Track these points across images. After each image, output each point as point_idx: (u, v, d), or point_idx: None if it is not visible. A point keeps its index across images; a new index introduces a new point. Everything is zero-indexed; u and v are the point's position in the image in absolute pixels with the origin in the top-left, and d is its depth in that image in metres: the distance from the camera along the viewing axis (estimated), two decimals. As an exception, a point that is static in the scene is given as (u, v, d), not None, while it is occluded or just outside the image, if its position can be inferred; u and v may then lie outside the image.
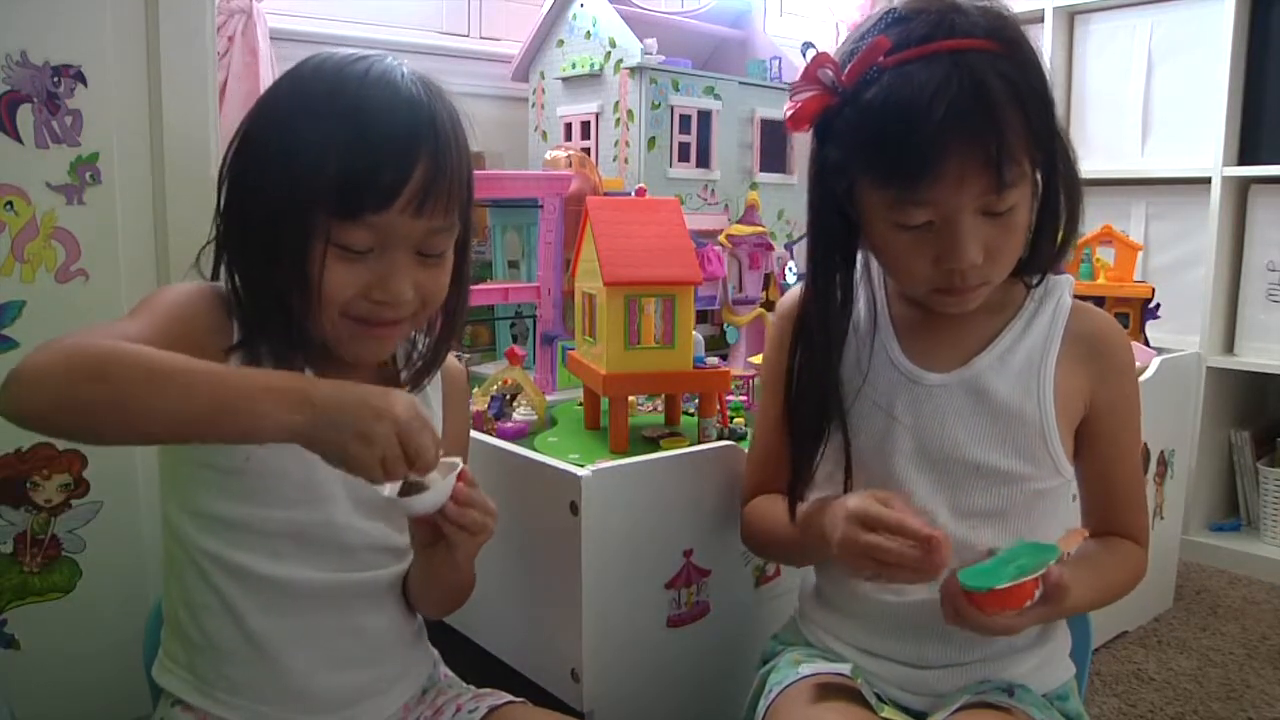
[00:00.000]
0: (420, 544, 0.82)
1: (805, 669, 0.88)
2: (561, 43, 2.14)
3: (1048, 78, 0.80)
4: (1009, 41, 0.78)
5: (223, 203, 0.79)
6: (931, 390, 0.88)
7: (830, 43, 2.71)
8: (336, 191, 0.73)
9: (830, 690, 0.85)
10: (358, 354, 0.81)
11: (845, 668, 0.88)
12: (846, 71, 0.79)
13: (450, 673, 0.95)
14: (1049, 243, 0.85)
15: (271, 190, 0.75)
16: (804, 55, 0.84)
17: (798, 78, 0.83)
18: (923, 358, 0.90)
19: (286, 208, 0.74)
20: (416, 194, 0.74)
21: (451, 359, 0.96)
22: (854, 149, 0.80)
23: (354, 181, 0.73)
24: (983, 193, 0.77)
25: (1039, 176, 0.81)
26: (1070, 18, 2.42)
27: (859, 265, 0.91)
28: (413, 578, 0.87)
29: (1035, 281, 0.90)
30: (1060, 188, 0.83)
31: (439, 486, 0.73)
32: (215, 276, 0.80)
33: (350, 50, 0.79)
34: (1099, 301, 1.82)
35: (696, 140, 2.03)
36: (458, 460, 0.76)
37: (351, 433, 0.64)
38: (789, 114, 0.84)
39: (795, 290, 0.96)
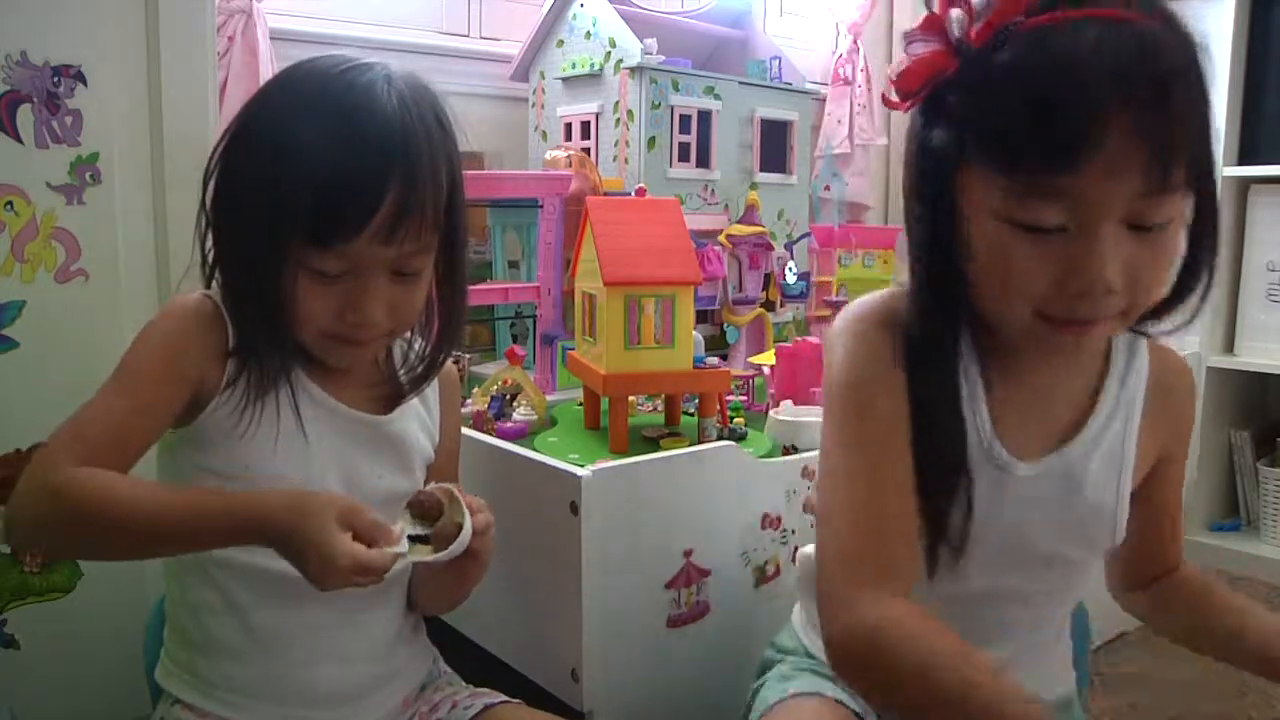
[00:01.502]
0: (421, 578, 0.83)
1: (793, 686, 0.84)
2: (561, 43, 2.14)
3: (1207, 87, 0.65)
4: (1186, 34, 0.64)
5: (208, 218, 0.80)
6: (1019, 480, 0.74)
7: (830, 44, 2.71)
8: (307, 222, 0.73)
9: (819, 708, 0.81)
10: (338, 363, 0.83)
11: (828, 686, 0.83)
12: (977, 29, 0.64)
13: (449, 669, 0.96)
14: (1187, 289, 0.70)
15: (246, 212, 0.76)
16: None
17: (914, 27, 0.67)
18: (1012, 436, 0.74)
19: (261, 234, 0.75)
20: (385, 223, 0.74)
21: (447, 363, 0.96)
22: (971, 124, 0.65)
23: (323, 213, 0.73)
24: (1137, 194, 0.61)
25: (1190, 206, 0.66)
26: (1070, 18, 2.42)
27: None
28: (417, 590, 0.88)
29: (1150, 330, 0.76)
30: (1209, 221, 0.68)
31: (463, 539, 0.75)
32: (209, 282, 0.82)
33: (336, 59, 0.78)
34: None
35: (696, 140, 2.03)
36: (453, 488, 0.78)
37: (299, 568, 0.69)
38: (896, 75, 0.67)
39: (868, 297, 0.77)
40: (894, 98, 0.69)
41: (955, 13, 0.65)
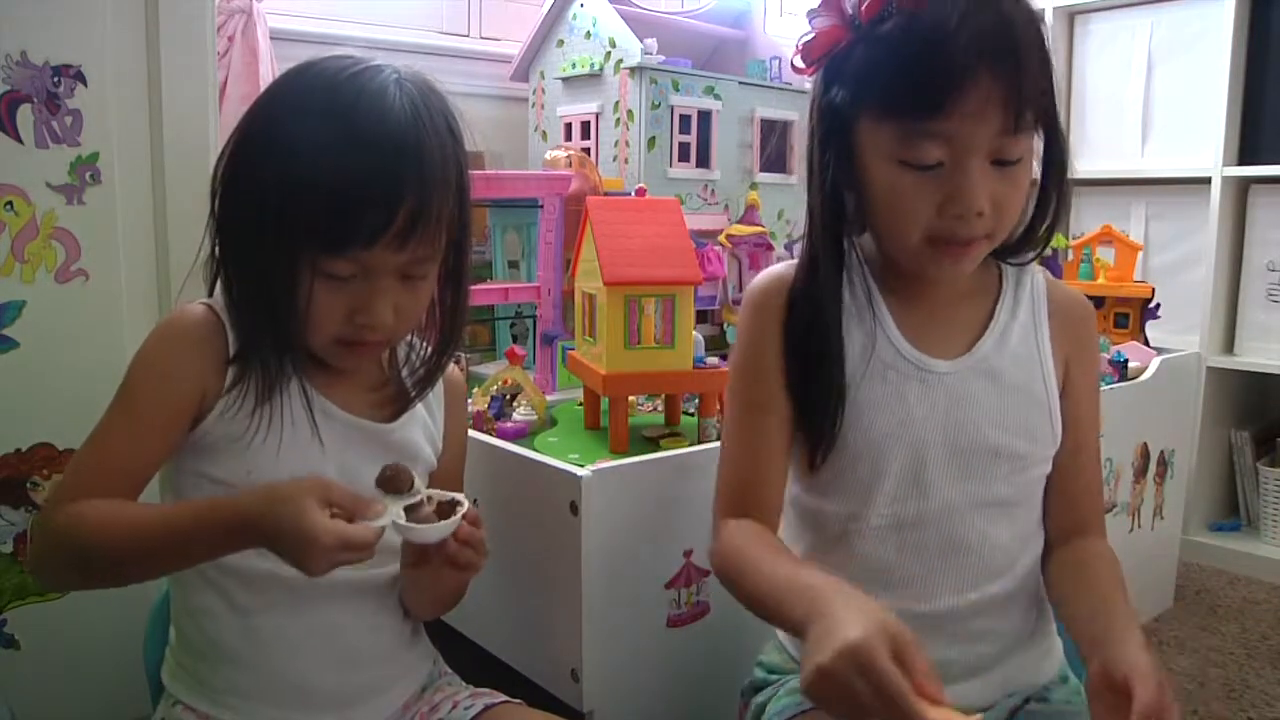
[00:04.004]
0: (406, 563, 0.82)
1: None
2: (561, 43, 2.14)
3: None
4: (1030, 11, 0.78)
5: (215, 219, 0.80)
6: (943, 378, 0.85)
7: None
8: (321, 229, 0.74)
9: None
10: (342, 367, 0.83)
11: None
12: (865, 6, 0.78)
13: (449, 670, 0.96)
14: (1039, 219, 0.84)
15: (259, 219, 0.76)
16: None
17: (817, 5, 0.82)
18: (925, 343, 0.86)
19: (274, 239, 0.75)
20: (400, 231, 0.75)
21: (451, 366, 0.96)
22: (864, 83, 0.79)
23: (339, 222, 0.73)
24: (999, 132, 0.75)
25: (1039, 142, 0.81)
26: (1070, 18, 2.42)
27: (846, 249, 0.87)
28: (401, 585, 0.88)
29: (1022, 260, 0.88)
30: (1056, 157, 0.83)
31: (445, 523, 0.75)
32: (212, 289, 0.82)
33: (345, 60, 0.78)
34: (1098, 302, 1.82)
35: (696, 140, 2.03)
36: (463, 498, 0.77)
37: (284, 556, 0.69)
38: (800, 45, 0.83)
39: (771, 273, 0.90)
40: (800, 64, 0.84)
41: None
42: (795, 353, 0.85)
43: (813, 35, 0.81)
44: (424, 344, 0.89)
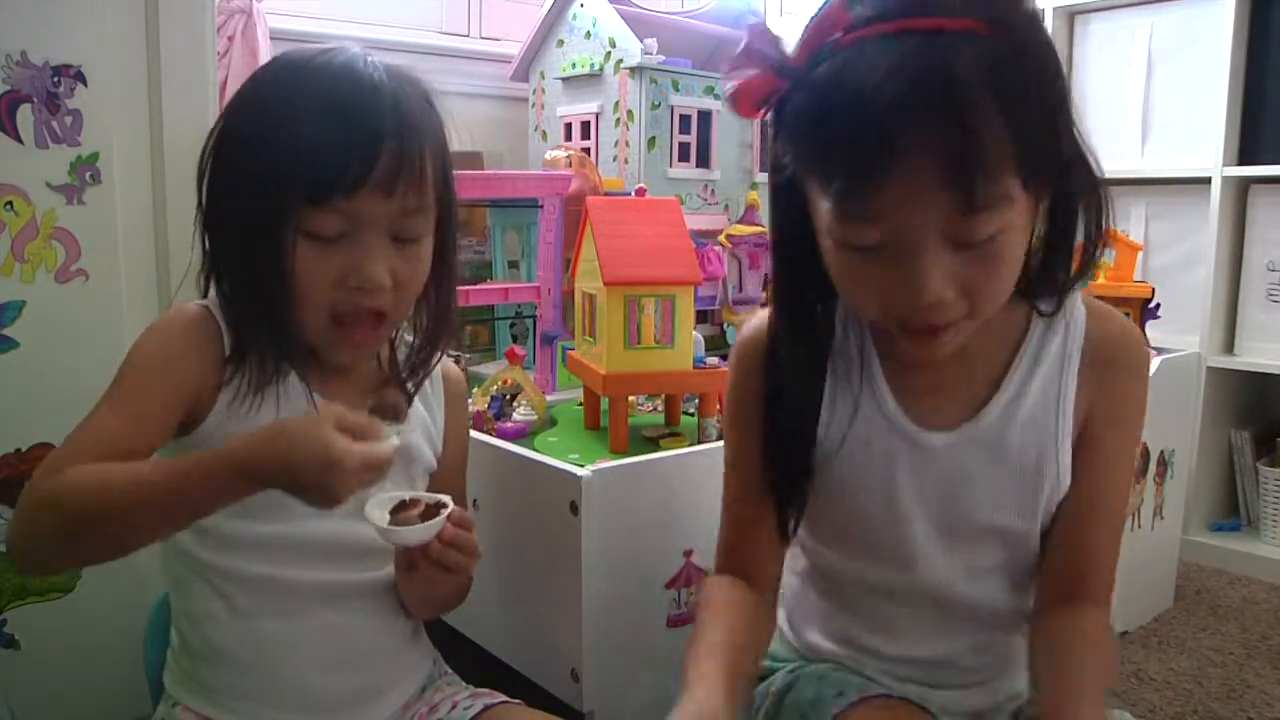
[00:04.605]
0: (398, 566, 0.82)
1: (848, 690, 0.79)
2: (561, 43, 2.14)
3: (1054, 69, 0.64)
4: (1001, 22, 0.61)
5: (202, 212, 0.80)
6: (937, 453, 0.75)
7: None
8: (304, 178, 0.73)
9: (897, 712, 0.78)
10: (340, 358, 0.82)
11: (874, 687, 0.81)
12: (798, 47, 0.65)
13: (449, 670, 0.96)
14: (1063, 268, 0.71)
15: (242, 185, 0.76)
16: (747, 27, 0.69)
17: (736, 53, 0.68)
18: (921, 411, 0.76)
19: (257, 200, 0.74)
20: (385, 175, 0.74)
21: (451, 365, 0.96)
22: (800, 142, 0.66)
23: (321, 166, 0.73)
24: (946, 214, 0.61)
25: (1042, 193, 0.66)
26: (1070, 18, 2.42)
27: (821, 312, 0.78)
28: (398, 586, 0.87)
29: (1049, 310, 0.74)
30: (1078, 205, 0.68)
31: (426, 525, 0.75)
32: (206, 290, 0.81)
33: (310, 47, 0.79)
34: (1099, 301, 1.81)
35: (696, 140, 2.03)
36: (449, 500, 0.77)
37: (305, 488, 0.66)
38: (729, 100, 0.69)
39: (755, 324, 0.81)
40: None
41: (761, 46, 0.66)
42: (770, 414, 0.78)
43: (736, 88, 0.68)
44: (417, 341, 0.89)
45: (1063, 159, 0.66)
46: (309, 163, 0.73)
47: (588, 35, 2.06)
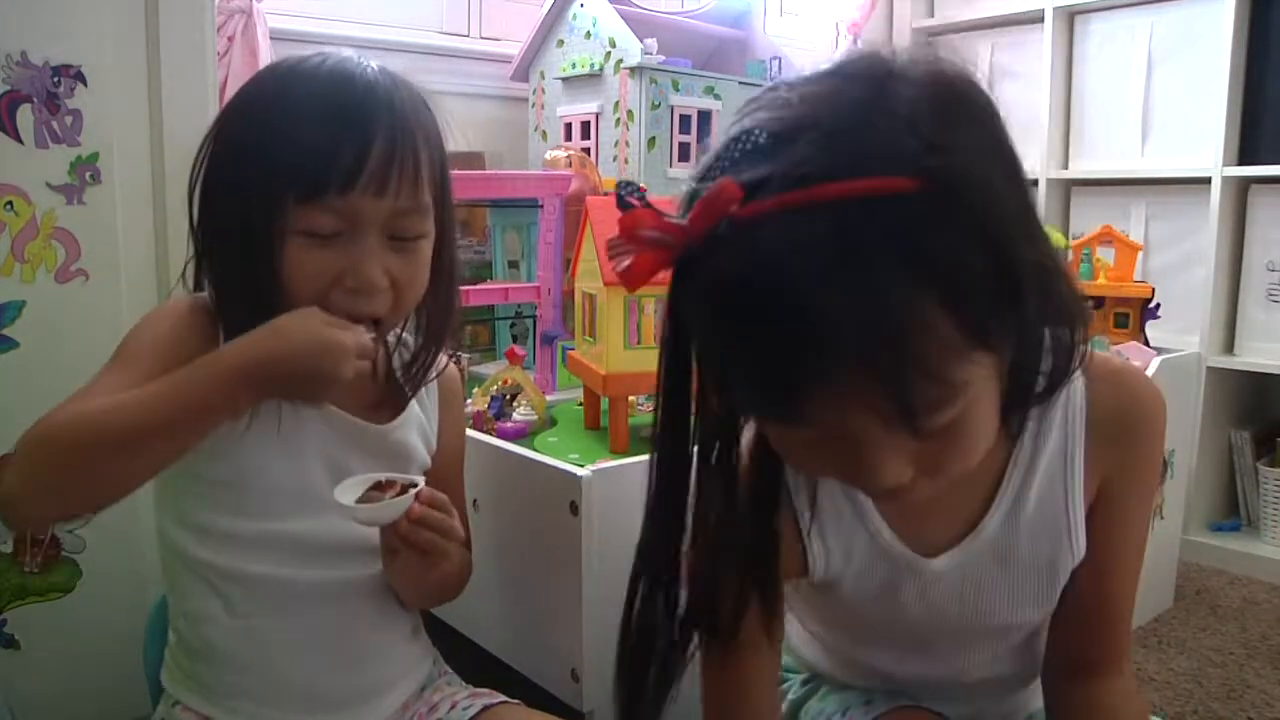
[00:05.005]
0: (382, 549, 0.81)
1: (872, 706, 0.79)
2: (561, 43, 2.14)
3: (997, 194, 0.52)
4: (943, 172, 0.49)
5: (195, 213, 0.79)
6: (941, 574, 0.71)
7: (830, 46, 2.71)
8: (298, 175, 0.73)
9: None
10: None
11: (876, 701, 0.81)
12: (693, 216, 0.52)
13: (449, 669, 0.95)
14: (1026, 392, 0.61)
15: (236, 186, 0.75)
16: (619, 199, 0.57)
17: (615, 237, 0.56)
18: (919, 535, 0.71)
19: (252, 200, 0.74)
20: (378, 172, 0.74)
21: (449, 363, 0.96)
22: (705, 333, 0.57)
23: (314, 162, 0.73)
24: (887, 418, 0.52)
25: (1007, 345, 0.56)
26: (1070, 18, 2.42)
27: None
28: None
29: (1017, 429, 0.67)
30: (1038, 338, 0.60)
31: (390, 501, 0.74)
32: (200, 288, 0.81)
33: (303, 55, 0.80)
34: (1098, 302, 1.82)
35: (696, 140, 2.03)
36: (419, 480, 0.77)
37: (302, 380, 0.70)
38: (622, 279, 0.56)
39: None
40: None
41: (644, 232, 0.54)
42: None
43: (627, 269, 0.56)
44: (418, 342, 0.88)
45: (1024, 291, 0.53)
46: (302, 160, 0.73)
47: (588, 35, 2.06)
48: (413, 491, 0.75)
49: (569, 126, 2.12)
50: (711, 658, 0.73)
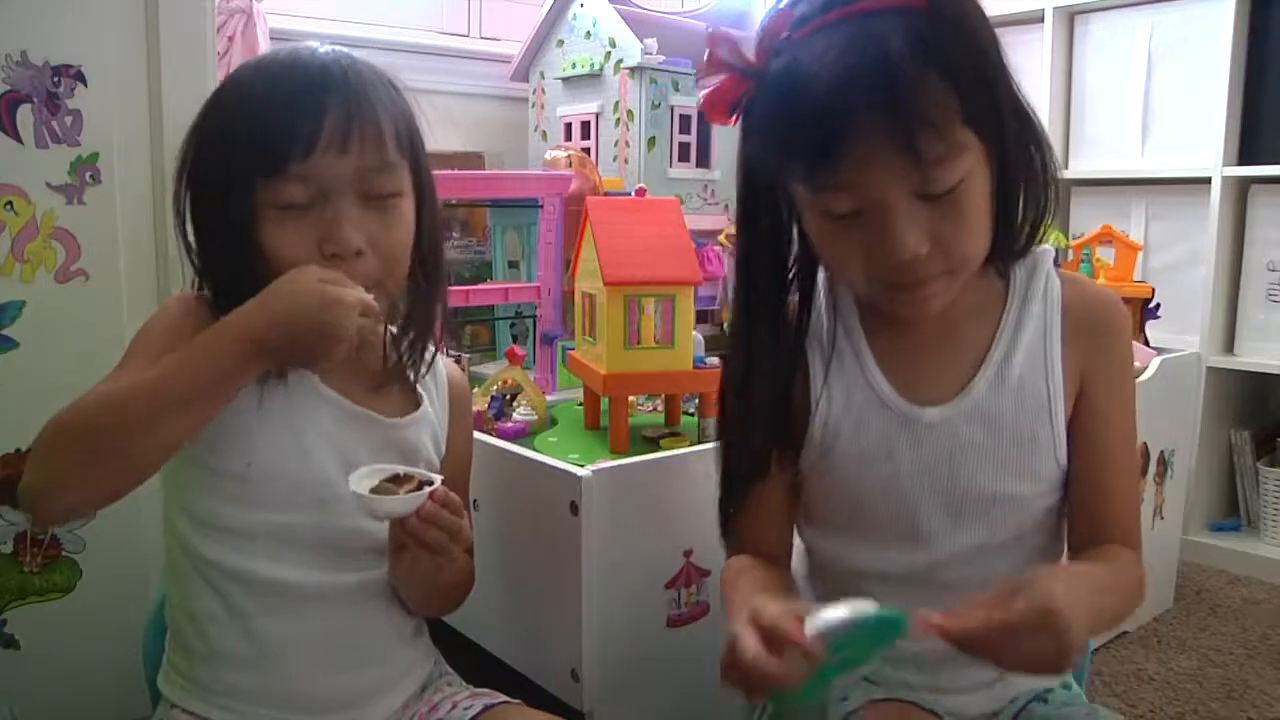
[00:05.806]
0: (390, 546, 0.81)
1: (863, 694, 0.81)
2: (561, 43, 2.14)
3: (988, 34, 0.70)
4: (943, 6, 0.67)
5: (183, 207, 0.81)
6: (933, 427, 0.79)
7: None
8: (261, 151, 0.74)
9: (909, 714, 0.80)
10: None
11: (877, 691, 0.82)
12: (755, 50, 0.71)
13: (450, 670, 0.96)
14: (1006, 225, 0.74)
15: (211, 176, 0.77)
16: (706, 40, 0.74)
17: (704, 63, 0.73)
18: (912, 388, 0.80)
19: (223, 184, 0.76)
20: (336, 131, 0.75)
21: (455, 369, 0.96)
22: (766, 132, 0.72)
23: (274, 135, 0.74)
24: (906, 173, 0.67)
25: (991, 140, 0.70)
26: (1070, 18, 2.42)
27: (820, 288, 0.83)
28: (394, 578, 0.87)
29: (1011, 263, 0.79)
30: (1016, 157, 0.73)
31: (405, 496, 0.75)
32: (196, 287, 0.82)
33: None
34: (1099, 301, 1.81)
35: (696, 140, 2.03)
36: (436, 478, 0.77)
37: (307, 339, 0.70)
38: (704, 108, 0.75)
39: None
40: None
41: (723, 50, 0.72)
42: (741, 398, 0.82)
43: (707, 96, 0.75)
44: (412, 306, 0.88)
45: (1003, 107, 0.70)
46: (263, 135, 0.75)
47: (588, 35, 2.06)
48: (428, 490, 0.76)
49: (569, 126, 2.12)
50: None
